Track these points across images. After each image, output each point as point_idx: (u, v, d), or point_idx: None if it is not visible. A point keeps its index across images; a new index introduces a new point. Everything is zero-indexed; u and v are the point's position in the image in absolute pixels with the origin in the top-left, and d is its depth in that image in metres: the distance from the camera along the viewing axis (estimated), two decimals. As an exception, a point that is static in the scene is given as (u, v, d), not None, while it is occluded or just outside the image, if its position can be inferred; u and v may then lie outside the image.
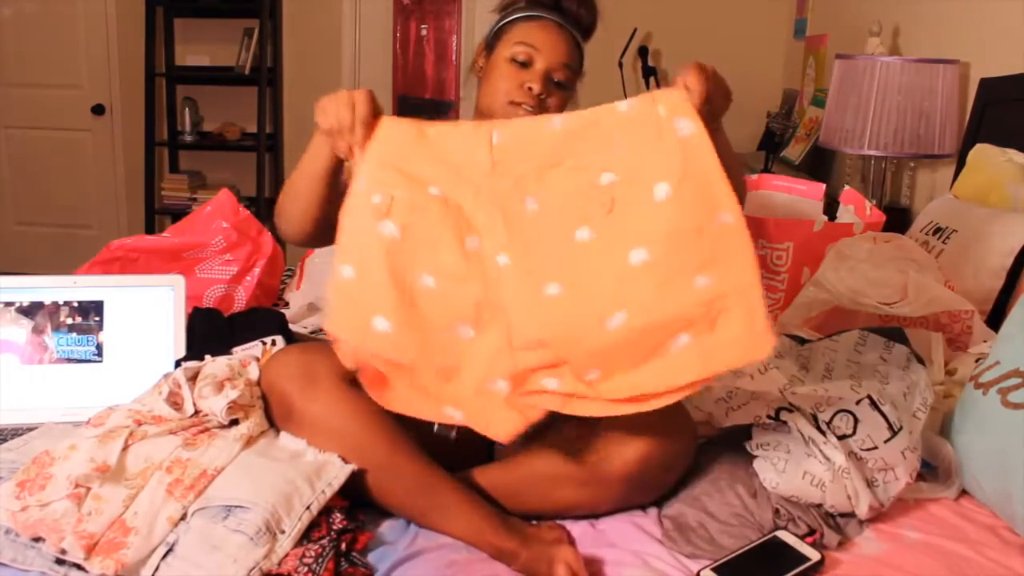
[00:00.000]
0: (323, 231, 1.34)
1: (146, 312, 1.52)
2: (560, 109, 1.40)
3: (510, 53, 1.40)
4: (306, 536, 1.10)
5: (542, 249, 1.11)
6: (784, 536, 1.16)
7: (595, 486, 1.20)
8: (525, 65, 1.39)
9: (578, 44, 1.45)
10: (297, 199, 1.32)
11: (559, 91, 1.40)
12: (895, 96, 2.31)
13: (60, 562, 1.07)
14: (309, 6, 4.41)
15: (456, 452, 1.31)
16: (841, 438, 1.21)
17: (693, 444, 1.26)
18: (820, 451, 1.19)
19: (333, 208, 1.24)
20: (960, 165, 2.13)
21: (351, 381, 1.22)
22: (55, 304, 1.50)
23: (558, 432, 1.24)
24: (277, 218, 1.40)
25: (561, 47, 1.40)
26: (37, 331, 1.49)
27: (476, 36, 4.13)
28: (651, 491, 1.26)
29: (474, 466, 1.28)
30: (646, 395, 1.04)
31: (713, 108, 1.14)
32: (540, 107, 1.38)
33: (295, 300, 2.03)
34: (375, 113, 1.16)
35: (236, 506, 1.09)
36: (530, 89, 1.37)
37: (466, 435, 1.40)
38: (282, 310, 1.88)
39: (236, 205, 1.95)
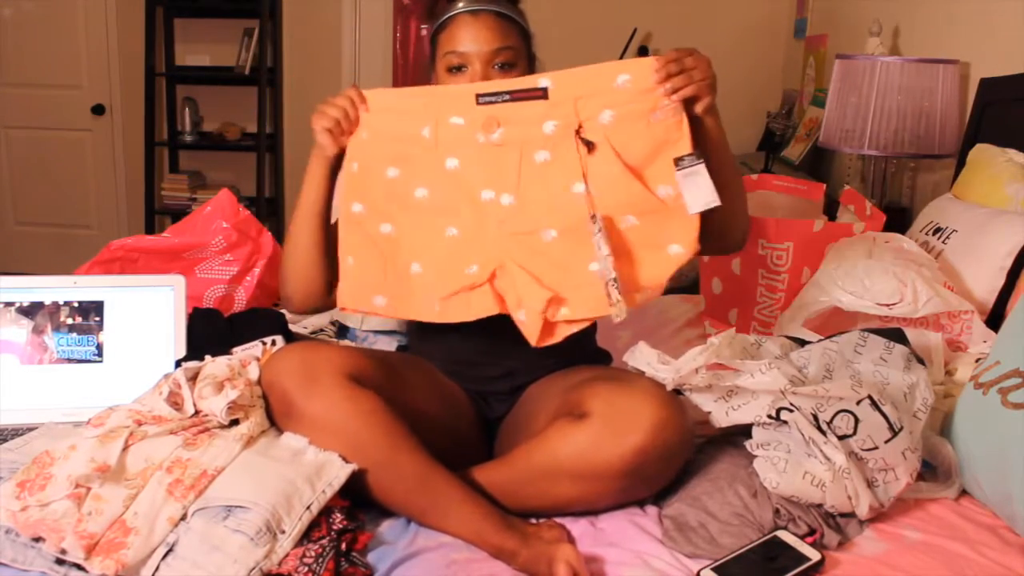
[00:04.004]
0: (325, 291, 1.43)
1: (146, 312, 1.52)
2: None
3: (445, 65, 1.39)
4: (306, 536, 1.10)
5: (545, 197, 1.29)
6: (784, 536, 1.16)
7: (593, 480, 1.20)
8: (461, 69, 1.37)
9: (507, 17, 1.39)
10: (298, 249, 1.39)
11: (506, 74, 1.36)
12: (895, 96, 2.31)
13: (60, 562, 1.07)
14: (309, 6, 4.41)
15: (456, 451, 1.32)
16: (842, 438, 1.21)
17: (690, 437, 1.26)
18: (820, 451, 1.19)
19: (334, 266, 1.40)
20: (960, 165, 2.13)
21: (352, 379, 1.22)
22: (55, 304, 1.50)
23: (553, 424, 1.24)
24: (282, 288, 1.45)
25: (485, 35, 1.36)
26: (37, 331, 1.49)
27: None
28: (650, 485, 1.25)
29: (473, 464, 1.28)
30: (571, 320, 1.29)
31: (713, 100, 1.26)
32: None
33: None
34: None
35: (236, 506, 1.09)
36: None
37: (466, 434, 1.41)
38: (282, 310, 1.89)
39: (236, 205, 1.95)
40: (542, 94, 1.28)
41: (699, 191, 1.24)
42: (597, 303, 1.25)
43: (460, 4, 1.38)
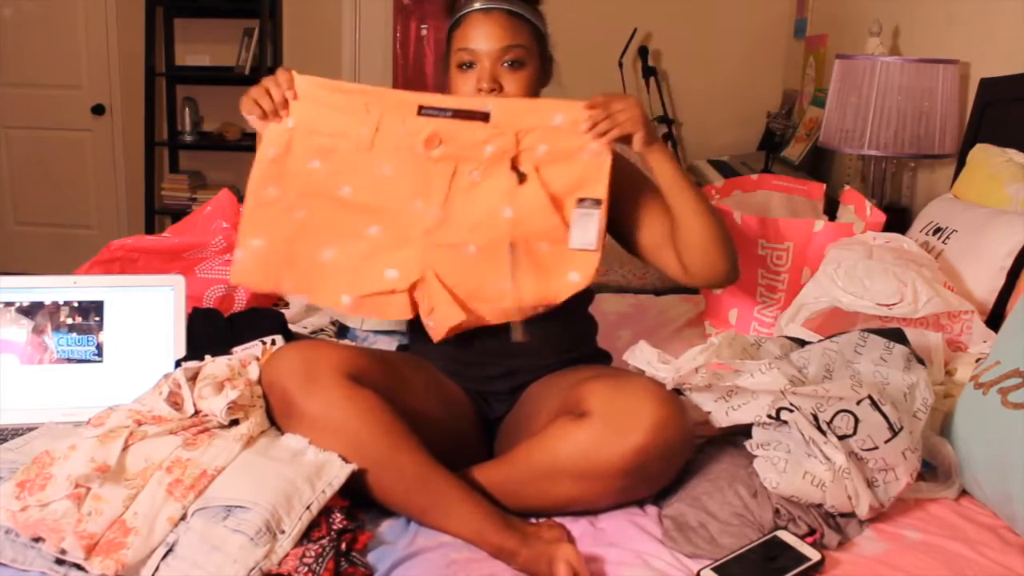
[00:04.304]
0: None
1: (146, 312, 1.52)
2: (524, 86, 1.41)
3: (456, 61, 1.40)
4: (306, 536, 1.10)
5: (471, 215, 1.35)
6: (784, 536, 1.16)
7: (594, 480, 1.20)
8: (471, 66, 1.39)
9: (520, 16, 1.41)
10: None
11: (515, 72, 1.38)
12: (895, 96, 2.31)
13: (60, 562, 1.07)
14: (309, 6, 4.41)
15: (456, 450, 1.32)
16: (842, 438, 1.21)
17: (691, 436, 1.26)
18: (821, 451, 1.19)
19: None
20: (960, 165, 2.13)
21: (352, 378, 1.22)
22: (55, 304, 1.50)
23: (553, 424, 1.24)
24: None
25: (496, 33, 1.38)
26: (37, 331, 1.49)
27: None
28: (650, 485, 1.25)
29: (473, 464, 1.28)
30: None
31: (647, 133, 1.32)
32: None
33: (295, 300, 2.03)
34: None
35: (236, 506, 1.09)
36: (480, 90, 1.37)
37: (466, 434, 1.41)
38: (282, 310, 1.89)
39: (236, 205, 1.95)
40: (483, 118, 1.33)
41: (585, 232, 1.34)
42: (507, 314, 1.35)
43: (475, 3, 1.40)
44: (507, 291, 1.34)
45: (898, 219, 2.34)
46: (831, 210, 2.20)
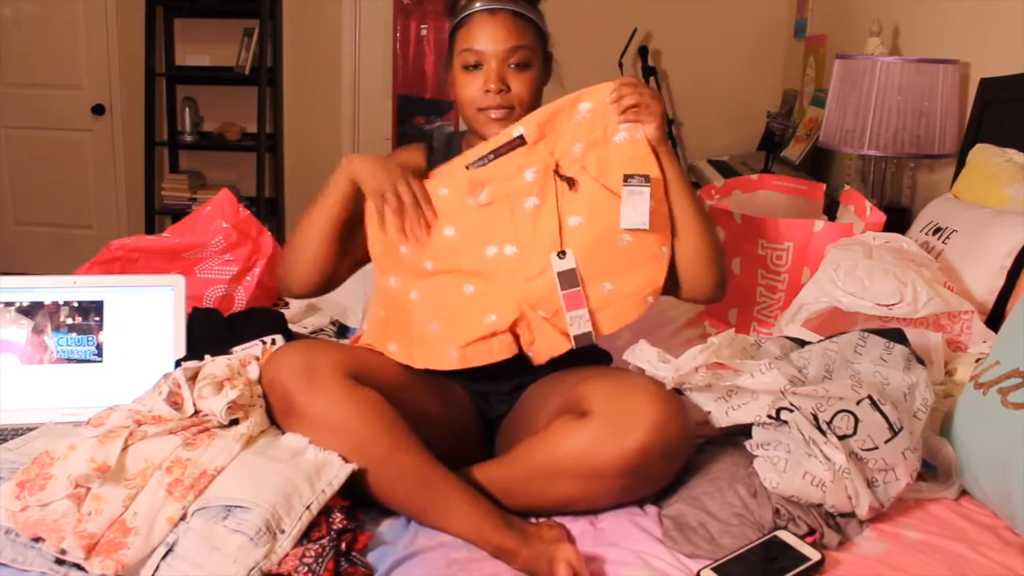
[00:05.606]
0: (326, 283, 1.45)
1: (146, 312, 1.52)
2: (531, 87, 1.42)
3: (461, 62, 1.41)
4: (306, 536, 1.10)
5: (545, 238, 1.36)
6: (784, 536, 1.16)
7: (594, 479, 1.20)
8: (477, 67, 1.39)
9: (524, 16, 1.41)
10: (307, 245, 1.41)
11: (521, 73, 1.40)
12: (895, 96, 2.31)
13: (60, 562, 1.07)
14: (309, 6, 4.41)
15: (456, 449, 1.32)
16: (842, 438, 1.21)
17: (691, 436, 1.26)
18: (821, 451, 1.19)
19: (339, 264, 1.44)
20: (960, 165, 2.13)
21: (352, 377, 1.22)
22: (55, 304, 1.50)
23: (553, 423, 1.24)
24: (281, 269, 1.46)
25: (501, 34, 1.38)
26: (37, 331, 1.49)
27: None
28: (651, 484, 1.25)
29: (474, 463, 1.28)
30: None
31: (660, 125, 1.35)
32: (506, 101, 1.39)
33: (295, 300, 2.03)
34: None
35: (236, 506, 1.09)
36: (487, 91, 1.38)
37: (466, 433, 1.41)
38: (282, 310, 1.89)
39: (236, 205, 1.95)
40: (520, 142, 1.36)
41: (635, 211, 1.34)
42: (623, 315, 1.36)
43: (478, 3, 1.40)
44: (610, 296, 1.35)
45: (898, 219, 2.34)
46: (831, 210, 2.20)
